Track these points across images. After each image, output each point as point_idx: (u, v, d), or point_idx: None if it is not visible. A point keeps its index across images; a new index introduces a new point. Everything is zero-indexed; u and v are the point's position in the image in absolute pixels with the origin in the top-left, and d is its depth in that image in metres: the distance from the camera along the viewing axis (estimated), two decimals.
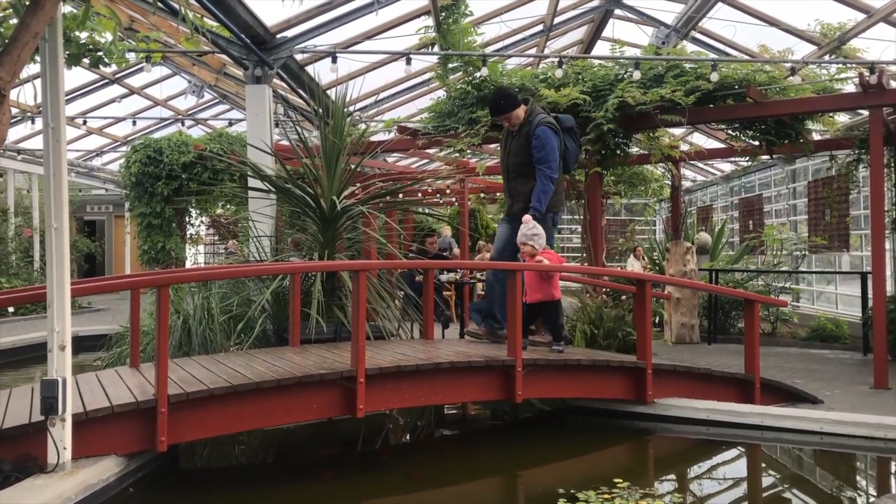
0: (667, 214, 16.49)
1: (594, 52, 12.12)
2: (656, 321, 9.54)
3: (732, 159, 14.10)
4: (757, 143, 8.83)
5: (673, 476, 4.84)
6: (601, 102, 7.85)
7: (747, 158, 10.88)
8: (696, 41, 10.57)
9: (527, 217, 5.67)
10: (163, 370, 3.97)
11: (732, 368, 6.18)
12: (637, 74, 7.85)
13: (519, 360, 4.97)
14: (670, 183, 11.43)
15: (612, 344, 6.73)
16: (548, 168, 5.76)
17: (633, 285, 6.55)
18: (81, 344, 6.97)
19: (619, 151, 8.39)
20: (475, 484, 4.63)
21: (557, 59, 8.34)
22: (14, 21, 4.13)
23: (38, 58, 3.73)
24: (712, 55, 9.62)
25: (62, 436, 3.61)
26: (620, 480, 4.13)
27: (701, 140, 13.24)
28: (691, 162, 14.40)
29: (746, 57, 9.66)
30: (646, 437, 5.49)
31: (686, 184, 18.05)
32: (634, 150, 9.45)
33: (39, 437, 3.63)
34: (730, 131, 9.28)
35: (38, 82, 3.87)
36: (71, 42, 4.14)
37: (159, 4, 6.19)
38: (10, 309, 11.41)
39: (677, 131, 11.83)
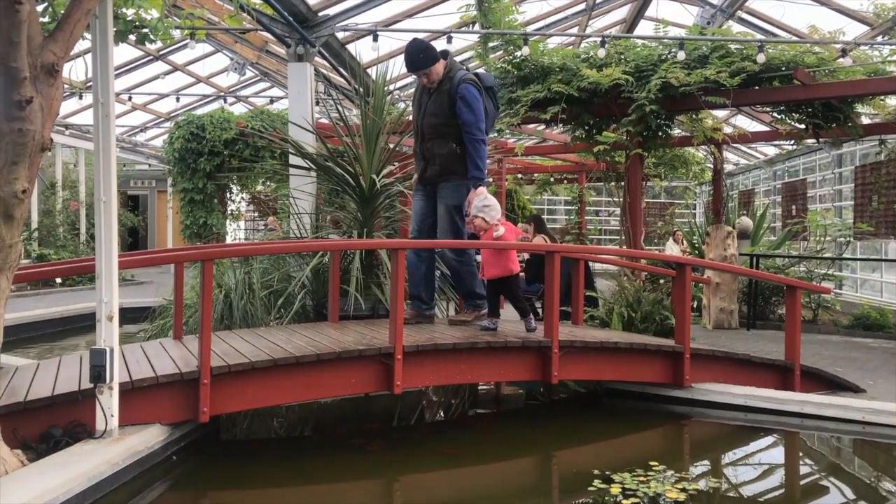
0: (707, 198, 16.26)
1: (637, 31, 11.94)
2: (694, 305, 9.45)
3: (776, 143, 13.82)
4: (803, 126, 8.64)
5: (709, 461, 4.82)
6: (644, 83, 7.76)
7: (792, 142, 10.67)
8: (742, 21, 10.36)
9: (481, 189, 5.27)
10: (206, 342, 4.05)
11: (772, 355, 6.11)
12: (681, 55, 7.74)
13: (556, 342, 4.97)
14: (712, 166, 11.27)
15: (649, 327, 6.69)
16: (477, 130, 5.26)
17: (672, 269, 6.50)
18: (125, 316, 7.05)
19: (660, 133, 8.31)
20: (510, 463, 4.66)
21: (600, 39, 8.24)
22: None
23: (87, 34, 3.81)
24: (759, 36, 9.44)
25: (110, 403, 3.72)
26: (656, 463, 4.13)
27: (744, 123, 12.98)
28: (734, 145, 14.16)
29: (795, 38, 9.45)
30: (682, 422, 5.46)
31: (728, 167, 17.74)
32: (676, 131, 9.34)
33: (88, 404, 3.74)
34: (775, 114, 9.09)
35: (87, 58, 3.95)
36: (118, 19, 4.20)
37: None
38: (58, 280, 11.72)
39: (720, 113, 11.63)
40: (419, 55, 5.28)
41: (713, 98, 7.55)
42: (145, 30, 4.77)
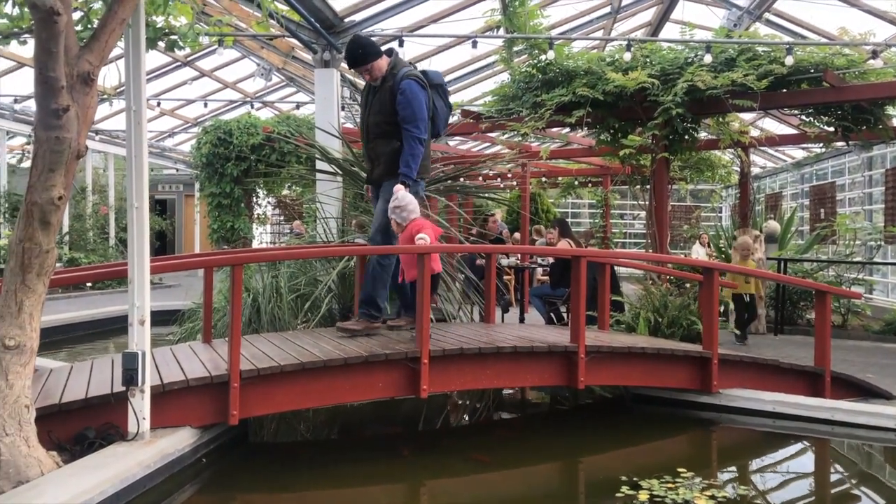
0: (734, 201, 16.11)
1: (662, 34, 11.88)
2: (721, 310, 9.36)
3: (805, 146, 13.66)
4: (832, 129, 8.54)
5: (738, 468, 4.78)
6: (670, 86, 7.71)
7: (821, 145, 10.55)
8: (770, 24, 10.26)
9: (397, 186, 5.01)
10: (235, 346, 4.10)
11: (801, 361, 6.03)
12: (708, 58, 7.68)
13: (582, 347, 4.96)
14: (739, 169, 11.15)
15: (676, 332, 6.65)
16: (415, 128, 5.05)
17: (698, 273, 6.45)
18: (153, 319, 7.19)
19: (686, 136, 8.24)
20: (536, 468, 4.65)
21: (626, 42, 8.20)
22: (97, 6, 4.31)
23: (118, 42, 3.87)
24: (787, 38, 9.34)
25: (142, 406, 3.78)
26: (684, 470, 4.10)
27: (772, 126, 12.85)
28: (761, 148, 14.04)
29: (824, 40, 9.34)
30: (710, 428, 5.42)
31: (755, 170, 17.55)
32: (702, 135, 9.26)
33: (120, 407, 3.80)
34: (803, 117, 8.99)
35: (117, 64, 4.01)
36: (148, 26, 4.27)
37: None
38: (88, 283, 11.89)
39: (747, 116, 11.52)
40: (358, 50, 5.11)
41: (740, 101, 7.49)
42: (174, 36, 4.85)
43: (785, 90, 7.84)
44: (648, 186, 8.84)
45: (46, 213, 3.21)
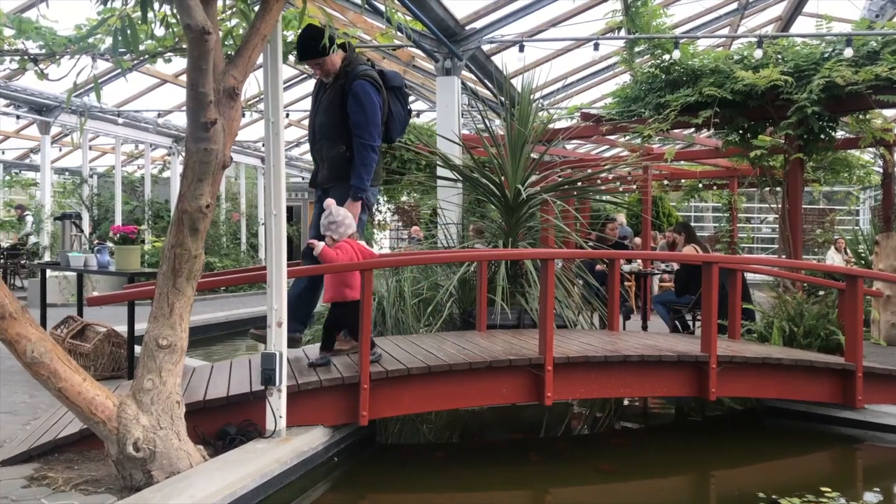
0: (873, 203, 15.10)
1: (794, 29, 11.29)
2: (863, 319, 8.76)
3: None
4: None
5: (886, 490, 4.45)
6: (804, 84, 7.33)
7: None
8: None
9: (328, 201, 4.53)
10: (365, 348, 4.22)
11: None
12: (848, 52, 7.25)
13: (713, 357, 4.78)
14: (881, 169, 10.42)
15: (812, 343, 6.28)
16: (367, 135, 4.64)
17: (836, 280, 6.08)
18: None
19: (823, 136, 7.80)
20: (664, 481, 4.52)
21: (757, 39, 7.86)
22: (232, 23, 4.55)
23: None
24: None
25: (279, 405, 3.95)
26: (828, 489, 3.87)
27: None
28: None
29: None
30: (854, 445, 5.09)
31: None
32: (839, 133, 8.74)
33: (258, 405, 3.99)
34: None
35: (258, 77, 4.19)
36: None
37: (365, 6, 6.55)
38: (222, 287, 12.54)
39: (891, 112, 10.77)
40: (310, 42, 4.61)
41: (885, 97, 7.01)
42: None
43: None
44: (779, 189, 8.42)
45: (195, 220, 3.41)
